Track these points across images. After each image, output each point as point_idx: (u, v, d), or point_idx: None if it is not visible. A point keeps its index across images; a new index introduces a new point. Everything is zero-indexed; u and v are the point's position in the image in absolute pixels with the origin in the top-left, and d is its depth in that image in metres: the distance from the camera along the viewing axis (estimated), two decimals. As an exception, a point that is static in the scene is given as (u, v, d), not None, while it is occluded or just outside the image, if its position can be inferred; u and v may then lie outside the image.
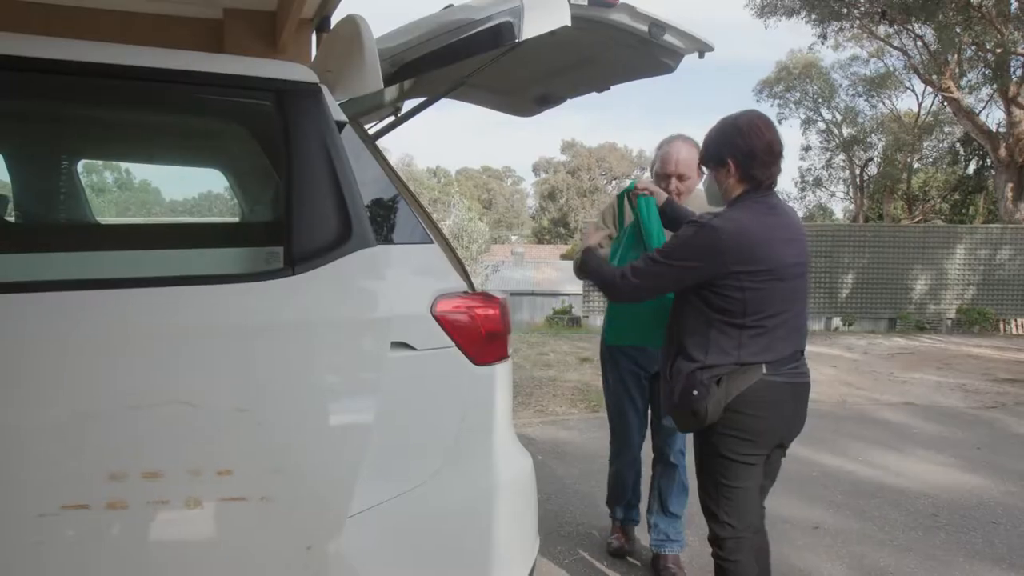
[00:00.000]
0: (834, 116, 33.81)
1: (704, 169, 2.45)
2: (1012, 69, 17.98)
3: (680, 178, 3.00)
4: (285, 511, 1.66)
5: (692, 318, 2.25)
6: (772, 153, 2.21)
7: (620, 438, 3.31)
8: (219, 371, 1.63)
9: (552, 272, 34.77)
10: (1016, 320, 15.02)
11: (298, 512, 1.68)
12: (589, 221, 2.79)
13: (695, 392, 2.18)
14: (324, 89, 1.86)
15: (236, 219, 3.54)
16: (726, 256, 2.14)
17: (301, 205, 1.77)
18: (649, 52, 2.43)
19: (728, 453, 2.24)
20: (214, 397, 1.61)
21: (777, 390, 2.21)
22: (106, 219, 4.74)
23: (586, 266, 2.48)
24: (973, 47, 17.92)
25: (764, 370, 2.19)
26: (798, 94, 33.48)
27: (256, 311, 1.68)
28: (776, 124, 2.28)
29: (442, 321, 1.88)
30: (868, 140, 33.12)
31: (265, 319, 1.68)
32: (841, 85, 32.12)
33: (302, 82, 1.84)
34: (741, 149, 2.21)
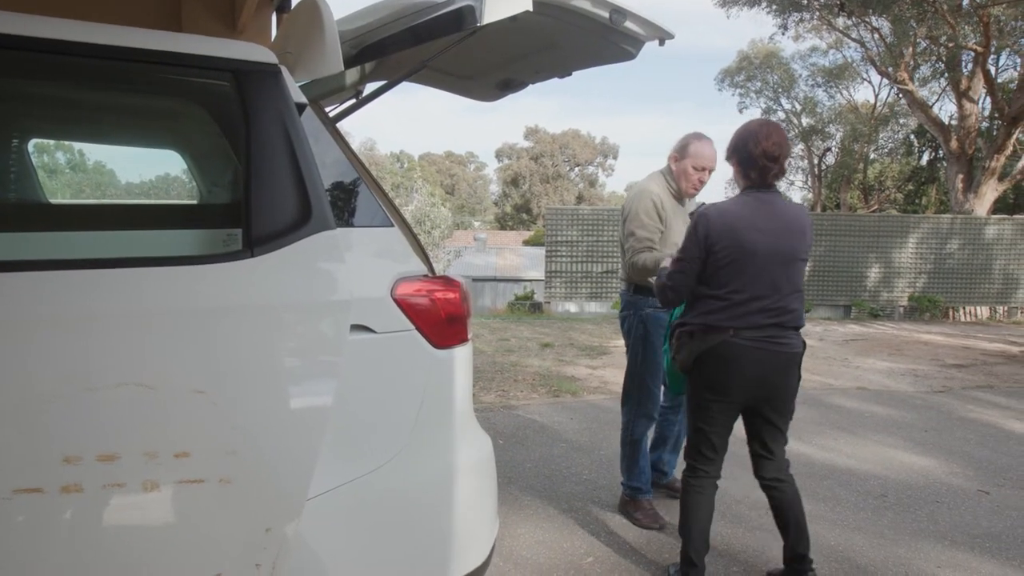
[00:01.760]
0: (794, 106, 34.33)
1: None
2: (963, 63, 18.42)
3: (709, 172, 3.53)
4: (244, 493, 1.66)
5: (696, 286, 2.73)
6: (768, 158, 2.59)
7: (654, 407, 3.68)
8: (176, 353, 1.61)
9: (514, 258, 34.78)
10: (964, 307, 15.47)
11: (257, 494, 1.67)
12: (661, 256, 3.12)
13: (675, 341, 2.75)
14: (284, 70, 1.84)
15: (194, 201, 3.48)
16: (710, 235, 2.58)
17: (260, 187, 1.75)
18: (610, 38, 2.44)
19: (698, 398, 2.75)
20: (171, 379, 1.59)
21: (740, 351, 2.62)
22: (60, 200, 4.63)
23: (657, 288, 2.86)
24: (927, 40, 18.31)
25: (731, 333, 2.61)
26: (759, 84, 33.92)
27: (214, 293, 1.66)
28: (780, 132, 2.66)
29: (402, 304, 1.88)
30: (826, 130, 33.72)
31: (223, 301, 1.66)
32: (801, 75, 32.65)
33: (261, 63, 1.82)
34: (741, 152, 2.64)
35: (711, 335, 2.64)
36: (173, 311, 1.62)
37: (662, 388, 3.61)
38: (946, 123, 19.44)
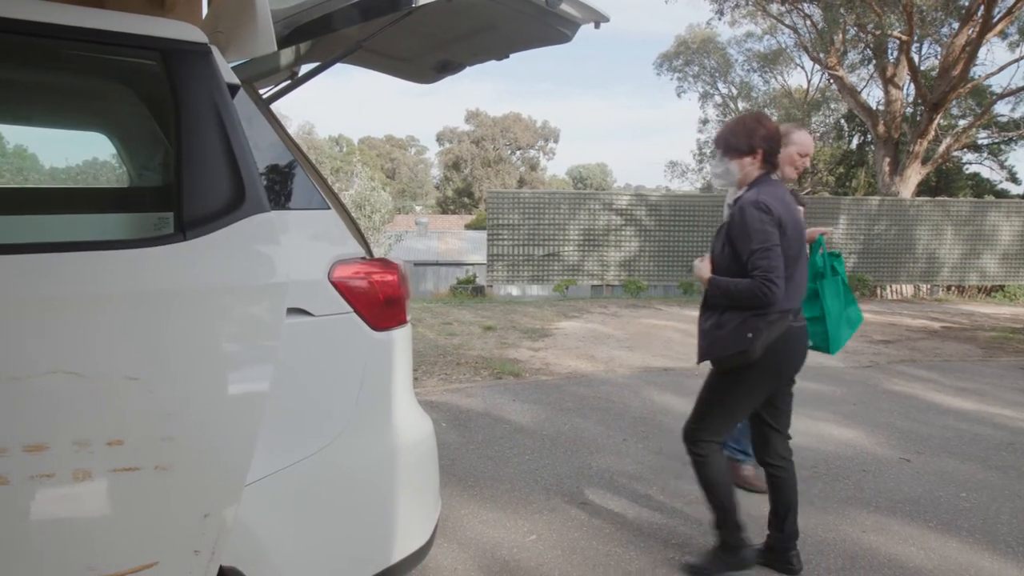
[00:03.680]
0: (730, 90, 35.01)
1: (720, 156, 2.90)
2: (889, 51, 19.04)
3: (808, 157, 3.73)
4: (181, 480, 1.63)
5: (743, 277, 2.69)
6: (780, 143, 2.81)
7: None
8: (107, 339, 1.57)
9: (456, 242, 34.71)
10: (891, 286, 16.10)
11: (194, 480, 1.65)
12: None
13: (750, 335, 2.66)
14: (214, 50, 1.80)
15: (123, 184, 3.38)
16: (780, 218, 2.64)
17: (191, 170, 1.72)
18: (546, 21, 2.46)
19: (759, 385, 2.77)
20: (102, 366, 1.55)
21: (796, 333, 2.77)
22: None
23: (720, 293, 2.74)
24: (855, 28, 18.83)
25: (790, 317, 2.73)
26: (696, 68, 34.47)
27: (146, 277, 1.62)
28: None
29: (340, 287, 1.88)
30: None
31: (155, 285, 1.63)
32: (737, 60, 33.32)
33: (190, 42, 1.77)
34: (768, 140, 2.76)
35: (781, 321, 2.70)
36: (103, 296, 1.58)
37: None
38: (874, 108, 20.07)
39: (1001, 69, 27.05)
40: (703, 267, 2.83)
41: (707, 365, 2.88)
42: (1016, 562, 3.09)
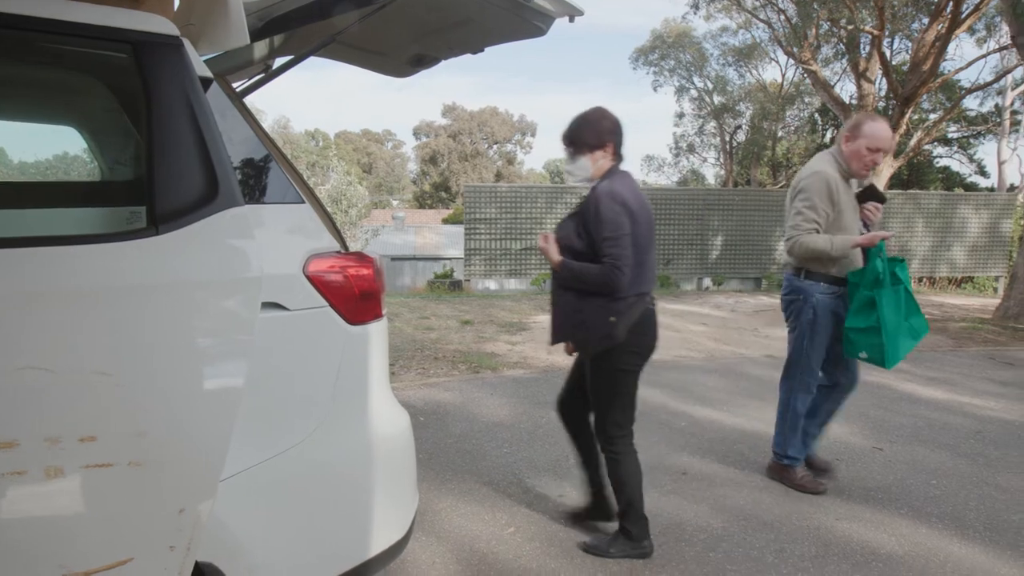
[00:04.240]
0: (706, 84, 35.21)
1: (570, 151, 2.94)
2: (861, 45, 19.24)
3: (883, 153, 3.46)
4: (155, 475, 1.62)
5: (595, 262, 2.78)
6: (623, 134, 2.91)
7: (815, 383, 3.78)
8: (78, 335, 1.55)
9: (434, 236, 34.61)
10: (864, 278, 16.27)
11: (168, 476, 1.64)
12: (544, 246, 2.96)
13: (613, 318, 2.77)
14: (186, 43, 1.79)
15: (95, 178, 3.34)
16: (631, 206, 2.75)
17: (163, 164, 1.70)
18: (521, 15, 2.46)
19: (627, 367, 2.90)
20: (73, 362, 1.53)
21: (651, 314, 2.93)
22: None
23: (572, 276, 2.84)
24: (828, 22, 19.00)
25: (647, 299, 2.86)
26: (672, 62, 34.61)
27: (118, 272, 1.61)
28: None
29: (315, 281, 1.88)
30: (737, 108, 34.73)
31: (128, 280, 1.61)
32: (712, 55, 33.52)
33: (162, 34, 1.76)
34: (616, 133, 2.88)
35: (640, 303, 2.82)
36: (74, 291, 1.57)
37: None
38: (847, 102, 20.28)
39: (970, 64, 27.59)
40: (551, 249, 2.90)
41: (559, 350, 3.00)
42: (984, 547, 3.16)
